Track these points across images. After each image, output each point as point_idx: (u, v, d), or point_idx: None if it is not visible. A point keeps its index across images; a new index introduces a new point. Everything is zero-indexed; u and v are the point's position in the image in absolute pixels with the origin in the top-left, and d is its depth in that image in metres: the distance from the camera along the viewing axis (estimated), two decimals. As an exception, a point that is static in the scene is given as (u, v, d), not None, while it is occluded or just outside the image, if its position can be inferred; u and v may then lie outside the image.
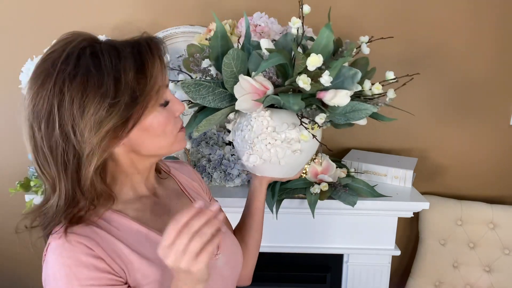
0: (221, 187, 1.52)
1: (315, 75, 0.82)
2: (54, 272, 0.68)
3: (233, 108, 0.88)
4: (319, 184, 1.37)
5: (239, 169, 1.48)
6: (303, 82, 0.80)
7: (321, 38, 0.85)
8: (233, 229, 1.07)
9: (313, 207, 1.34)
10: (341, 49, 0.89)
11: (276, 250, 1.54)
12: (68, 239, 0.68)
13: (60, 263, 0.67)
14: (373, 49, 0.99)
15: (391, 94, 0.94)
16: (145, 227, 0.76)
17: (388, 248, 1.53)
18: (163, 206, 0.84)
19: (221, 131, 1.53)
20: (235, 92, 0.85)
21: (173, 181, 0.94)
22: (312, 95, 0.86)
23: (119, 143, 0.70)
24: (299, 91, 0.85)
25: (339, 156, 1.65)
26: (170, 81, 0.92)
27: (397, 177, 1.53)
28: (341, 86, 0.85)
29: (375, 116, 0.93)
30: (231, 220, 1.07)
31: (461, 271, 1.69)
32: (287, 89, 0.86)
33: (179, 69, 0.98)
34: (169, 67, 0.87)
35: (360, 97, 0.91)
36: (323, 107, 0.86)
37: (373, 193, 1.40)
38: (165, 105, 0.75)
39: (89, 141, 0.65)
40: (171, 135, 0.76)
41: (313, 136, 0.85)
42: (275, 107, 0.90)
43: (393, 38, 1.08)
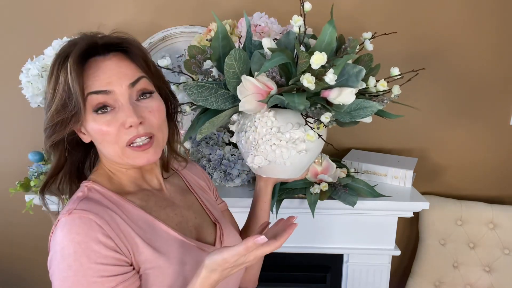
0: (221, 187, 1.51)
1: (319, 73, 0.81)
2: (62, 247, 0.67)
3: (237, 109, 0.87)
4: (319, 184, 1.37)
5: (239, 169, 1.47)
6: (307, 81, 0.79)
7: (324, 35, 0.84)
8: (240, 230, 1.07)
9: (313, 207, 1.34)
10: (344, 46, 0.87)
11: (276, 250, 1.53)
12: (79, 215, 0.69)
13: (69, 239, 0.67)
14: (373, 49, 0.98)
15: (396, 90, 0.93)
16: (150, 215, 0.78)
17: (388, 248, 1.53)
18: (167, 199, 0.86)
19: (221, 131, 1.52)
20: (238, 93, 0.84)
21: (179, 178, 0.96)
22: (316, 94, 0.84)
23: (63, 135, 0.76)
24: (303, 90, 0.83)
25: (339, 156, 1.65)
26: (171, 83, 0.91)
27: (397, 177, 1.53)
28: (346, 84, 0.84)
29: (380, 113, 0.90)
30: (231, 220, 1.06)
31: (461, 271, 1.69)
32: (291, 89, 0.84)
33: (179, 70, 0.97)
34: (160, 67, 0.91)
35: (365, 94, 0.89)
36: (328, 106, 0.84)
37: (373, 193, 1.40)
38: (102, 111, 0.73)
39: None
40: (116, 146, 0.74)
41: (319, 135, 0.84)
42: (278, 107, 0.89)
43: (395, 35, 1.06)
